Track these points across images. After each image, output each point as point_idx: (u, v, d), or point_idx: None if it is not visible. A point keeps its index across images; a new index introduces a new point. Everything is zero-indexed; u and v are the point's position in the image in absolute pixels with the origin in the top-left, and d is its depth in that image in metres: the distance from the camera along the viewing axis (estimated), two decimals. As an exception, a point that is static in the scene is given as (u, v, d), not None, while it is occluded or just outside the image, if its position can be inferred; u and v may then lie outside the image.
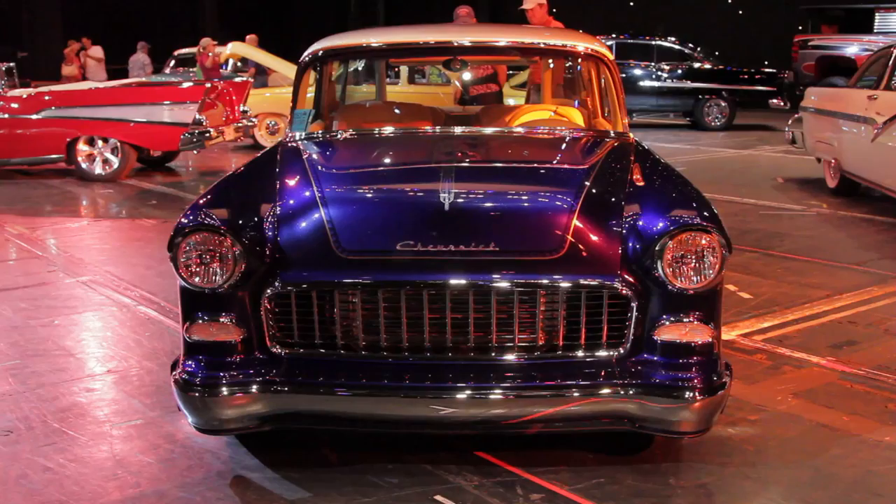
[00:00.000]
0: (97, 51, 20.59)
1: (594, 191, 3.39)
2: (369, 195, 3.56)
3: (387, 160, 4.20)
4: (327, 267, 3.10)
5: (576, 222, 3.16)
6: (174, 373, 3.14)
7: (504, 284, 3.01)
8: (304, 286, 3.08)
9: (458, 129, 4.38)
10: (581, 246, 3.11)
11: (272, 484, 3.22)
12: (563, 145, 4.23)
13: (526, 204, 3.46)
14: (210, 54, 14.34)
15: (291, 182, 3.58)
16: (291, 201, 3.42)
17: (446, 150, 3.99)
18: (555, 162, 4.06)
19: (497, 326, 3.04)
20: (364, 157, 4.19)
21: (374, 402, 3.04)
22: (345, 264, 3.09)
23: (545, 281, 3.03)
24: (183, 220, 3.16)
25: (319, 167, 3.77)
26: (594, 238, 3.14)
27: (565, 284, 3.03)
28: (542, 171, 3.96)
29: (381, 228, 3.22)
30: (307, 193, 3.42)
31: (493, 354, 3.07)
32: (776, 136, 15.11)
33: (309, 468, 3.32)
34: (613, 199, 3.36)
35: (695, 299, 3.08)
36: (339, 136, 4.38)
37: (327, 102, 4.96)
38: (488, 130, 4.51)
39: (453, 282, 3.00)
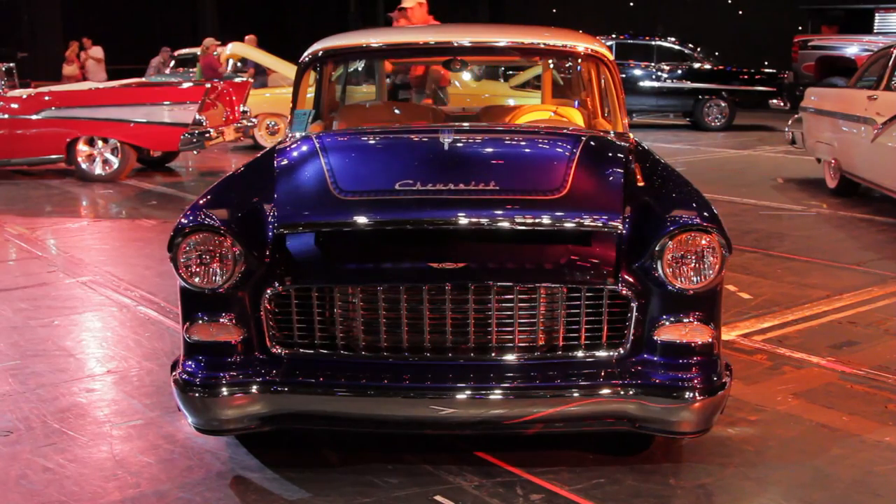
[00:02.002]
0: (98, 51, 20.60)
1: (592, 143, 3.47)
2: (370, 142, 3.60)
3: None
4: (325, 208, 3.11)
5: (575, 166, 3.23)
6: (174, 373, 3.14)
7: (505, 224, 3.00)
8: (301, 227, 3.08)
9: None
10: (581, 187, 3.15)
11: (272, 484, 3.22)
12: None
13: (526, 149, 3.50)
14: (214, 54, 14.35)
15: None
16: (295, 154, 3.50)
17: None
18: (553, 134, 4.13)
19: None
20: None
21: (374, 402, 3.03)
22: (343, 205, 3.09)
23: (547, 219, 3.03)
24: (183, 220, 3.15)
25: (321, 137, 3.85)
26: (594, 180, 3.18)
27: (569, 225, 3.04)
28: (540, 132, 4.05)
29: (380, 170, 3.24)
30: (305, 148, 3.50)
31: (493, 350, 3.06)
32: (776, 137, 15.10)
33: (309, 468, 3.32)
34: (611, 155, 3.42)
35: (695, 299, 3.08)
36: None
37: (327, 103, 4.96)
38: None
39: (454, 219, 2.97)
